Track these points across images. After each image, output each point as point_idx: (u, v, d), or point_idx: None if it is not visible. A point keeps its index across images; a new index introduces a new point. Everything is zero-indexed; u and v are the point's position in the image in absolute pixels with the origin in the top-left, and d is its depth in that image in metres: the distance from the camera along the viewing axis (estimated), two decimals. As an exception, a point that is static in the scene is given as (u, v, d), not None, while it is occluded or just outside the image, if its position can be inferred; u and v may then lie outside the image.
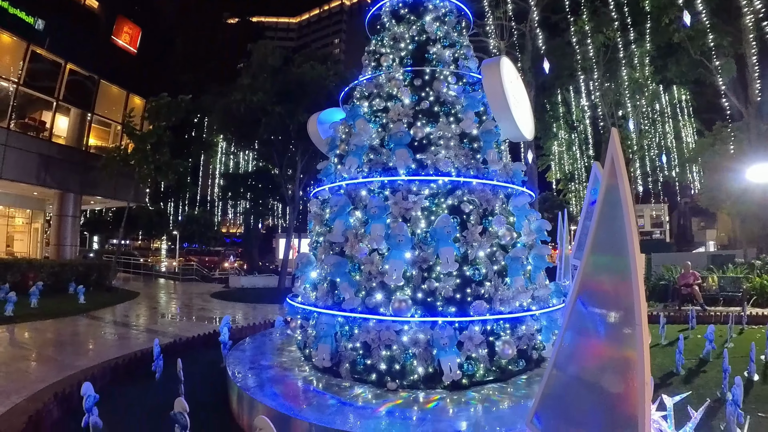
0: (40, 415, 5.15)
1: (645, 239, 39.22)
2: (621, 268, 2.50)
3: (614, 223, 2.65)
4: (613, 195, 2.74)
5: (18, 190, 23.08)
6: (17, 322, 11.32)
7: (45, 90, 22.22)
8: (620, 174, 2.63)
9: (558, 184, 35.70)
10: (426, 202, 6.28)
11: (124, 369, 7.52)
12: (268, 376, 6.15)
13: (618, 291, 2.54)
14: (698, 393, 6.42)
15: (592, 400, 2.65)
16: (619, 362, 2.43)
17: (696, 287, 14.34)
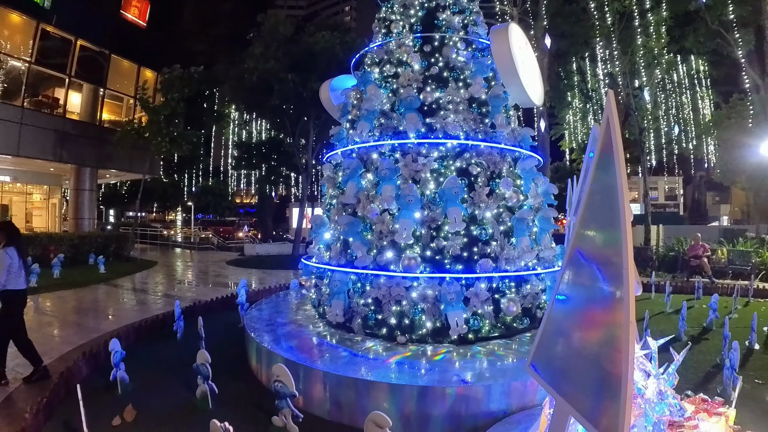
0: (70, 372, 5.50)
1: (658, 212, 38.95)
2: (612, 232, 2.65)
3: (607, 186, 2.79)
4: (606, 158, 2.88)
5: (35, 167, 23.47)
6: (41, 292, 11.73)
7: (57, 67, 22.36)
8: (615, 137, 2.76)
9: (572, 153, 35.18)
10: (435, 164, 6.49)
11: (147, 330, 7.91)
12: (284, 332, 6.48)
13: (608, 253, 2.70)
14: (698, 358, 6.70)
15: (581, 354, 2.84)
16: (607, 323, 2.59)
17: (705, 259, 14.35)
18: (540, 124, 23.17)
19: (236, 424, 4.40)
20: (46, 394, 4.70)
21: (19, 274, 5.78)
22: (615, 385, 2.36)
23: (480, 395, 4.55)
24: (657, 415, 2.80)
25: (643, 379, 2.85)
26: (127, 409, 4.71)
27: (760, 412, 4.79)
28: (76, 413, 3.77)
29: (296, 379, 4.48)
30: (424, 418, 4.46)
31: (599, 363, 2.60)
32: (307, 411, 4.75)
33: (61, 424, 4.47)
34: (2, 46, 19.95)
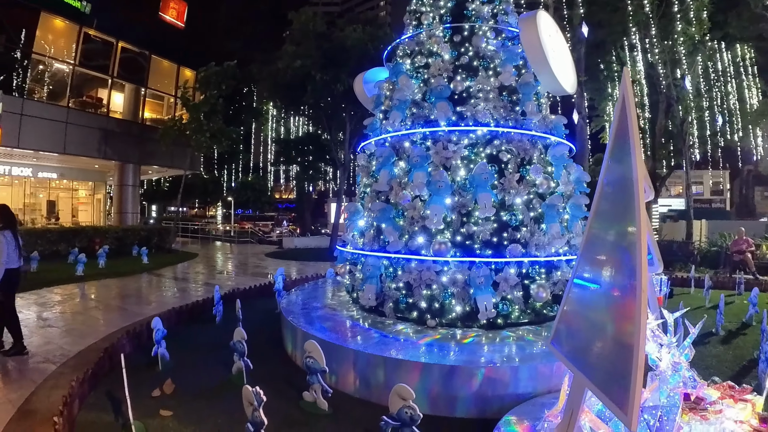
0: (114, 349, 5.81)
1: (703, 207, 37.52)
2: (625, 222, 2.69)
3: (622, 168, 2.82)
4: (621, 146, 2.90)
5: (80, 164, 24.51)
6: (87, 281, 12.30)
7: (100, 68, 23.32)
8: (630, 121, 2.78)
9: None
10: (465, 151, 6.54)
11: (188, 314, 8.24)
12: (318, 315, 6.67)
13: (622, 242, 2.74)
14: (735, 353, 6.50)
15: (596, 330, 2.90)
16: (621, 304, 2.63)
17: (749, 254, 13.84)
18: (574, 115, 22.73)
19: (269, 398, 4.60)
20: (91, 366, 5.00)
21: (15, 254, 6.19)
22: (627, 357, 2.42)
23: (507, 377, 4.59)
24: (671, 387, 2.82)
25: (657, 351, 2.88)
26: (167, 383, 4.97)
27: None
28: (119, 386, 4.00)
29: (328, 359, 4.62)
30: (451, 397, 4.55)
31: (613, 338, 2.66)
32: (337, 389, 4.90)
33: (104, 393, 4.75)
34: (47, 50, 20.88)
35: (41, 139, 19.75)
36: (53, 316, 8.36)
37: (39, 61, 20.97)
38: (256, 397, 3.39)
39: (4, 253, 6.02)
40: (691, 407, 3.17)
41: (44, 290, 10.55)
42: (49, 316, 8.32)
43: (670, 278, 11.88)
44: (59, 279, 11.88)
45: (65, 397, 4.11)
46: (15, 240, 6.23)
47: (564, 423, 3.03)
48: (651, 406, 2.91)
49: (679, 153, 26.65)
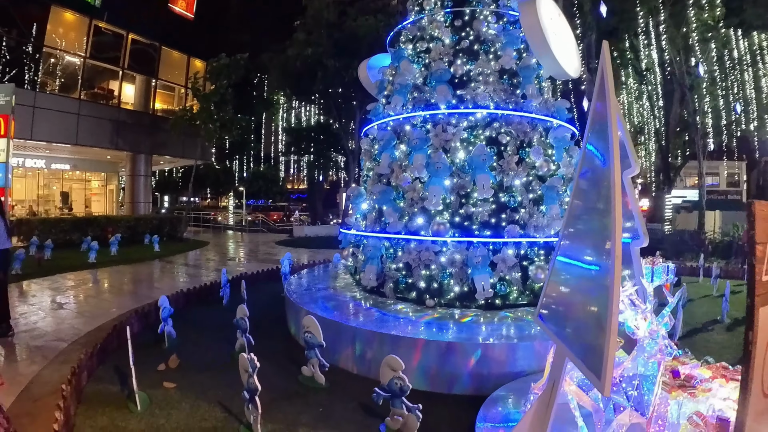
0: (122, 326, 5.98)
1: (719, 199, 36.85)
2: (602, 192, 2.75)
3: (600, 147, 2.88)
4: (600, 116, 2.95)
5: (93, 155, 24.86)
6: (99, 267, 12.55)
7: (111, 60, 23.62)
8: (608, 94, 2.82)
9: None
10: (464, 133, 6.61)
11: (196, 296, 8.44)
12: (321, 295, 6.82)
13: (599, 217, 2.80)
14: (738, 339, 6.44)
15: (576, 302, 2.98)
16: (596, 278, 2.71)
17: None
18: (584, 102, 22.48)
19: (271, 372, 4.78)
20: (100, 342, 5.19)
21: (4, 236, 6.37)
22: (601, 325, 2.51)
23: (503, 355, 4.68)
24: (648, 355, 2.89)
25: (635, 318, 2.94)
26: (172, 358, 5.15)
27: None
28: (126, 361, 4.16)
29: (327, 336, 4.75)
30: (448, 374, 4.66)
31: (590, 309, 2.75)
32: (337, 366, 5.04)
33: (112, 367, 4.94)
34: (59, 43, 21.15)
35: (54, 131, 20.07)
36: (66, 299, 8.58)
37: (50, 55, 21.28)
38: (251, 363, 3.54)
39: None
40: (680, 385, 3.24)
41: (57, 276, 10.80)
42: (62, 299, 8.55)
43: (679, 267, 11.87)
44: (72, 266, 12.15)
45: (73, 368, 4.29)
46: (4, 223, 6.42)
47: (546, 393, 3.12)
48: (630, 375, 2.98)
49: (693, 143, 26.28)
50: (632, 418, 2.93)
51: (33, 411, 4.01)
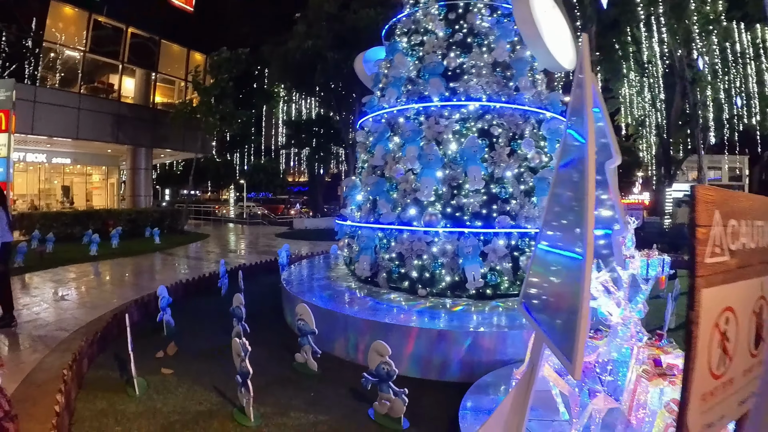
0: (122, 315, 6.12)
1: None
2: (579, 182, 2.85)
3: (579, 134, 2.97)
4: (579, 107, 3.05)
5: (94, 149, 24.96)
6: (100, 260, 12.68)
7: (110, 54, 23.67)
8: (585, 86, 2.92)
9: (627, 128, 33.17)
10: (457, 125, 6.71)
11: (195, 286, 8.60)
12: (316, 285, 6.97)
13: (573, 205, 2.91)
14: None
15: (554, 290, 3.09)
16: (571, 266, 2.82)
17: None
18: None
19: (265, 359, 4.94)
20: (100, 330, 5.33)
21: (7, 228, 6.52)
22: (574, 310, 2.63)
23: (492, 343, 4.81)
24: (621, 340, 3.01)
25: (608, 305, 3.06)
26: (170, 346, 5.30)
27: None
28: (126, 349, 4.31)
29: (321, 325, 4.88)
30: (438, 360, 4.79)
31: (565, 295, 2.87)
32: (330, 353, 5.19)
33: (112, 354, 5.10)
34: (58, 38, 21.22)
35: (54, 126, 20.17)
36: (68, 291, 8.73)
37: (50, 49, 21.35)
38: (243, 348, 3.66)
39: (1, 229, 6.34)
40: (661, 373, 3.35)
41: (59, 269, 10.94)
42: (64, 291, 8.69)
43: (677, 261, 11.95)
44: (74, 258, 12.29)
45: (74, 354, 4.44)
46: (6, 216, 6.55)
47: (525, 378, 3.24)
48: (604, 361, 3.11)
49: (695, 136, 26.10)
50: (607, 403, 3.05)
51: (35, 396, 4.15)
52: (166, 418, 3.77)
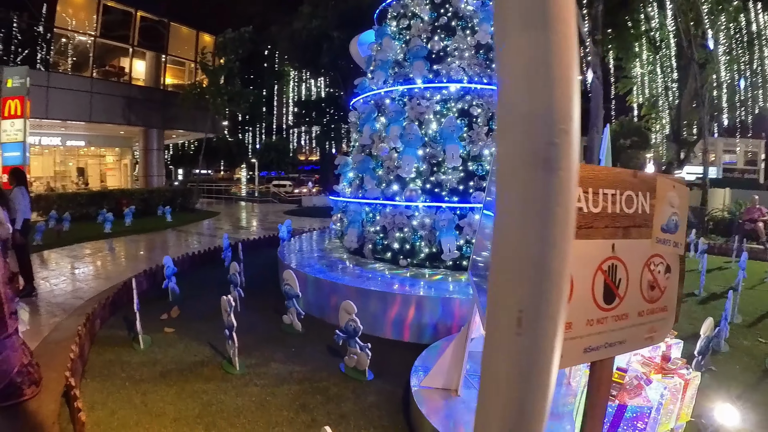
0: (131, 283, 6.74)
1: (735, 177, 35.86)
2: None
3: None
4: None
5: (106, 131, 25.60)
6: (115, 237, 13.38)
7: (120, 38, 24.12)
8: None
9: (640, 108, 32.18)
10: (437, 106, 7.14)
11: (200, 258, 9.23)
12: (308, 256, 7.55)
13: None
14: (710, 313, 6.15)
15: (485, 255, 3.52)
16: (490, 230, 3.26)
17: (760, 224, 12.92)
18: (589, 74, 22.30)
19: (257, 321, 5.53)
20: (111, 295, 5.96)
21: (28, 207, 7.13)
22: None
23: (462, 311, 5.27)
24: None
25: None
26: (174, 309, 5.93)
27: (741, 367, 4.80)
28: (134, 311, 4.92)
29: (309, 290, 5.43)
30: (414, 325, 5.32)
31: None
32: (316, 316, 5.77)
33: (121, 317, 5.72)
34: (69, 23, 21.73)
35: (68, 109, 20.79)
36: (84, 265, 9.40)
37: (61, 35, 21.88)
38: (228, 304, 4.23)
39: (23, 205, 6.95)
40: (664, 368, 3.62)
41: (75, 246, 11.62)
42: (80, 265, 9.36)
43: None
44: (89, 236, 12.96)
45: (88, 315, 5.06)
46: (28, 195, 7.16)
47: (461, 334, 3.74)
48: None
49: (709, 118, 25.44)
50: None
51: (53, 351, 4.77)
52: (164, 366, 4.38)
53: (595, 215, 1.44)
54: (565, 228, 0.94)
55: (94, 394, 3.86)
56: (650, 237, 1.63)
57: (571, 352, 1.49)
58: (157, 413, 3.57)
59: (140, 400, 3.77)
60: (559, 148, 0.88)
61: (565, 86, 0.90)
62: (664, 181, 1.65)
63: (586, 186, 1.42)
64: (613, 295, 1.54)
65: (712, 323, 4.07)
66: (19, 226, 6.80)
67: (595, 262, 1.49)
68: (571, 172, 0.92)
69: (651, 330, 1.69)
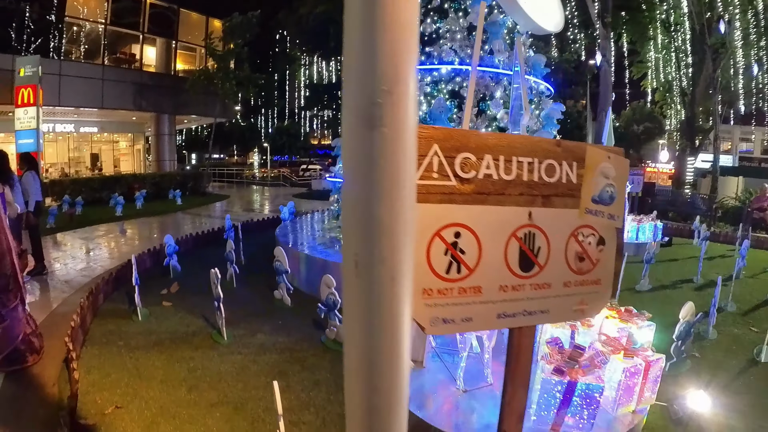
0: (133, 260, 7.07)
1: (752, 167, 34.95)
2: None
3: None
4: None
5: (119, 117, 26.01)
6: (126, 219, 13.77)
7: (131, 26, 24.41)
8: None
9: (654, 93, 30.90)
10: (428, 87, 7.28)
11: (203, 239, 9.58)
12: (304, 236, 7.80)
13: None
14: (707, 300, 6.05)
15: None
16: None
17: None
18: (597, 57, 21.98)
19: (250, 296, 5.84)
20: (113, 271, 6.28)
21: (39, 190, 7.43)
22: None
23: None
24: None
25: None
26: (173, 285, 6.26)
27: (727, 355, 4.78)
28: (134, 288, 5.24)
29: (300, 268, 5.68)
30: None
31: None
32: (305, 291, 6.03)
33: (124, 293, 6.04)
34: (80, 12, 22.07)
35: (80, 97, 21.18)
36: (94, 245, 9.78)
37: (72, 24, 22.22)
38: (216, 276, 4.50)
39: (34, 189, 7.29)
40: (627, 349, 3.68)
41: (88, 228, 12.01)
42: (91, 246, 9.74)
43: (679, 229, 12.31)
44: (101, 219, 13.34)
45: (91, 288, 5.38)
46: (38, 178, 7.49)
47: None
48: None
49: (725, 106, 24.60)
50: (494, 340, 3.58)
51: (58, 323, 5.09)
52: (158, 336, 4.71)
53: (507, 182, 1.45)
54: (393, 183, 1.13)
55: (92, 359, 4.18)
56: (578, 207, 1.59)
57: (482, 316, 1.49)
58: (147, 376, 3.88)
59: (133, 365, 4.09)
60: (382, 108, 1.08)
61: (390, 51, 1.10)
62: (596, 152, 1.63)
63: (496, 154, 1.43)
64: (531, 262, 1.53)
65: (692, 308, 4.07)
66: (32, 208, 7.12)
67: (508, 228, 1.49)
68: (397, 131, 1.12)
69: (581, 302, 1.67)
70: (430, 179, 1.34)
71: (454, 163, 1.36)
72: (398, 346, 1.27)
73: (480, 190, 1.41)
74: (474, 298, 1.46)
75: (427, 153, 1.34)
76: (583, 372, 2.92)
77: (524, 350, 1.62)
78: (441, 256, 1.37)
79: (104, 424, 3.22)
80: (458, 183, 1.38)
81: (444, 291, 1.40)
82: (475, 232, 1.42)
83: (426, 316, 1.40)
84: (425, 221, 1.36)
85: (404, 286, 1.25)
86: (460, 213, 1.39)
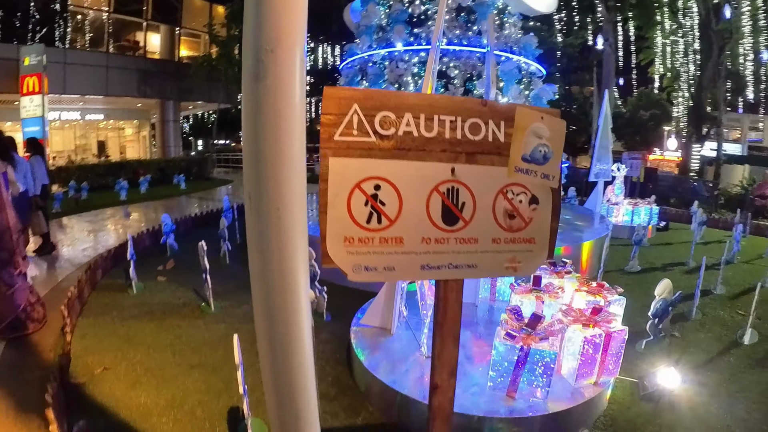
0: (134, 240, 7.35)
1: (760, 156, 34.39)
2: None
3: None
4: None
5: (124, 104, 26.22)
6: (130, 204, 14.10)
7: (134, 13, 24.52)
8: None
9: (662, 79, 28.69)
10: (415, 68, 7.43)
11: (202, 219, 9.87)
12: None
13: None
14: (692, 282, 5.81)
15: None
16: None
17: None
18: (599, 41, 21.77)
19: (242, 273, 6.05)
20: (112, 250, 6.56)
21: (45, 173, 7.66)
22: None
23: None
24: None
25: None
26: (169, 262, 6.54)
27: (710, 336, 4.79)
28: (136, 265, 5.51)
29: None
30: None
31: None
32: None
33: (122, 269, 6.29)
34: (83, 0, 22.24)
35: (85, 84, 21.41)
36: (100, 227, 10.06)
37: (76, 12, 22.40)
38: (202, 248, 4.76)
39: (40, 173, 7.55)
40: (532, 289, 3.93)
41: (92, 211, 12.30)
42: (97, 228, 10.02)
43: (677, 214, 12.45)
44: (105, 203, 13.64)
45: (89, 264, 5.66)
46: (45, 163, 7.75)
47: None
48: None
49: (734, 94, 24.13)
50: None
51: (60, 297, 5.34)
52: (151, 307, 4.99)
53: (427, 139, 1.50)
54: (276, 130, 1.33)
55: (87, 328, 4.46)
56: (506, 165, 1.63)
57: (405, 266, 1.56)
58: (136, 342, 4.16)
59: (124, 332, 4.37)
60: (264, 64, 1.27)
61: (274, 14, 1.30)
62: (528, 112, 1.64)
63: (417, 112, 1.49)
64: (455, 217, 1.59)
65: (669, 284, 4.04)
66: (38, 191, 7.39)
67: (430, 183, 1.55)
68: (281, 84, 1.31)
69: (512, 260, 1.71)
70: (351, 135, 1.43)
71: (374, 122, 1.44)
72: (290, 269, 1.50)
73: (400, 146, 1.48)
74: (396, 248, 1.55)
75: (347, 112, 1.43)
76: (536, 339, 2.99)
77: (451, 304, 1.69)
78: (361, 206, 1.47)
79: (92, 382, 3.50)
80: (377, 139, 1.46)
81: (365, 239, 1.49)
82: (395, 185, 1.50)
83: (348, 262, 1.50)
84: (346, 174, 1.46)
85: (290, 217, 1.48)
86: (380, 167, 1.48)
